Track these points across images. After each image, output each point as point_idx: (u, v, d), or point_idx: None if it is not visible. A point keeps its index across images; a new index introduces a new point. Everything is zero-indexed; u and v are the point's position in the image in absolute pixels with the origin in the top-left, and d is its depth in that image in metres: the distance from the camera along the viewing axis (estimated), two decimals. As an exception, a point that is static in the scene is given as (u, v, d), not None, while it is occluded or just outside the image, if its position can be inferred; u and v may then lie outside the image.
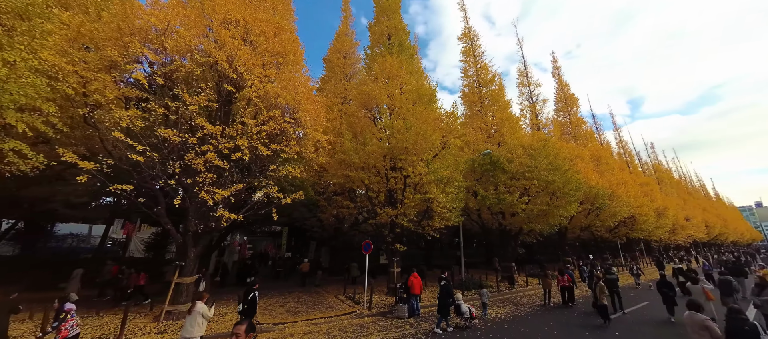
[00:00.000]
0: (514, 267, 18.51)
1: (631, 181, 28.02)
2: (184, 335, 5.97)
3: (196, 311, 6.08)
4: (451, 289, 9.09)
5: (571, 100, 32.99)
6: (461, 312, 9.03)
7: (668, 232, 34.31)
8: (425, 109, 12.71)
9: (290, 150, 9.34)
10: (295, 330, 9.22)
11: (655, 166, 50.74)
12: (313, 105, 10.11)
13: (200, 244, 10.21)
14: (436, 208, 12.31)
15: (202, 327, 6.08)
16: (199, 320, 6.04)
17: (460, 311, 9.03)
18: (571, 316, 10.58)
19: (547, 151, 15.60)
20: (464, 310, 9.07)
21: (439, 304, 8.84)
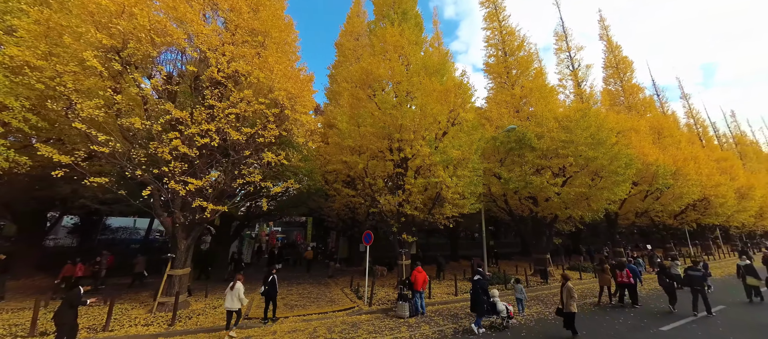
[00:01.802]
0: (548, 259, 16.18)
1: (703, 157, 23.17)
2: (227, 306, 7.58)
3: (236, 289, 7.57)
4: (485, 285, 8.03)
5: (624, 63, 28.15)
6: (497, 310, 8.04)
7: (754, 217, 28.26)
8: (430, 82, 10.97)
9: (267, 134, 8.43)
10: (282, 327, 8.52)
11: (737, 138, 42.17)
12: (293, 84, 9.05)
13: (191, 236, 9.92)
14: (446, 193, 10.71)
15: (239, 301, 7.57)
16: (237, 296, 7.54)
17: (495, 310, 8.04)
18: (617, 321, 8.48)
19: (587, 123, 12.92)
20: (501, 308, 8.06)
21: (472, 302, 7.88)
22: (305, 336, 7.75)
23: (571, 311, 7.06)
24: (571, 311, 7.06)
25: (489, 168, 14.20)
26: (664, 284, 10.04)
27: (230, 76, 8.13)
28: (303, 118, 9.23)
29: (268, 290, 8.63)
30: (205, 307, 10.13)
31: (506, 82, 18.38)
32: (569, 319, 7.16)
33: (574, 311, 7.08)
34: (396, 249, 12.55)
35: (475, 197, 12.43)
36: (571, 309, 7.05)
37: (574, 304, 7.10)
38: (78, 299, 6.31)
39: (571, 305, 7.08)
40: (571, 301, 7.10)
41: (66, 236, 24.84)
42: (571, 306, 7.07)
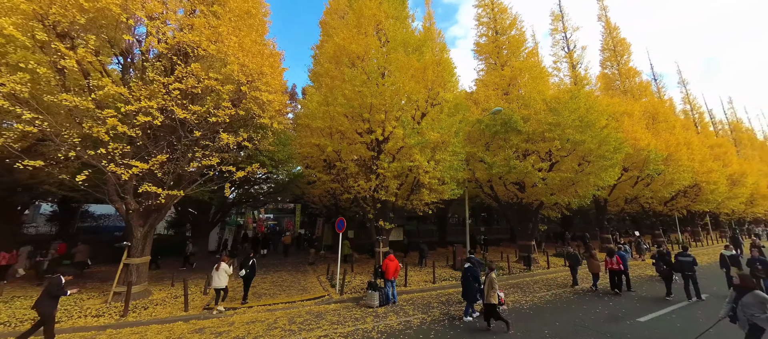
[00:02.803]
0: (533, 246, 15.84)
1: (697, 143, 22.69)
2: (214, 285, 8.37)
3: (221, 269, 8.36)
4: (477, 273, 7.79)
5: (622, 46, 27.20)
6: None
7: (744, 204, 28.12)
8: (407, 59, 10.15)
9: (221, 113, 7.68)
10: (242, 317, 8.07)
11: (733, 125, 41.70)
12: (252, 58, 8.22)
13: (149, 223, 9.32)
14: (424, 178, 10.11)
15: (225, 279, 8.43)
16: (223, 275, 8.35)
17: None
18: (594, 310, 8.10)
19: (576, 104, 12.23)
20: None
21: (464, 289, 7.70)
22: (263, 327, 7.30)
23: (491, 302, 6.76)
24: (491, 302, 6.76)
25: (473, 152, 13.57)
26: (662, 271, 10.03)
27: (177, 49, 7.30)
28: (265, 96, 8.44)
29: (247, 274, 9.05)
30: (167, 296, 9.66)
31: (496, 63, 17.54)
32: (489, 310, 6.86)
33: (494, 302, 6.76)
34: (373, 236, 12.06)
35: (456, 182, 11.87)
36: (491, 300, 6.75)
37: (494, 295, 6.77)
38: (58, 288, 6.09)
39: (491, 296, 6.77)
40: (492, 292, 6.78)
41: (45, 224, 24.19)
42: (491, 297, 6.76)
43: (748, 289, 4.90)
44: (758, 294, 4.76)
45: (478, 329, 7.01)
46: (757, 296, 4.74)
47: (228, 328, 7.29)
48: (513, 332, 6.71)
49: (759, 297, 4.73)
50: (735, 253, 9.46)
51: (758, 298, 4.72)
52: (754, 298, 4.76)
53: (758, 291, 4.85)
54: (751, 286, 4.95)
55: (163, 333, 7.09)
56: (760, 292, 4.84)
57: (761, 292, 4.85)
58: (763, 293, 4.81)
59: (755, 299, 4.74)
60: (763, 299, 4.70)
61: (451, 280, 11.96)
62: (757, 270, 8.40)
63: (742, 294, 4.91)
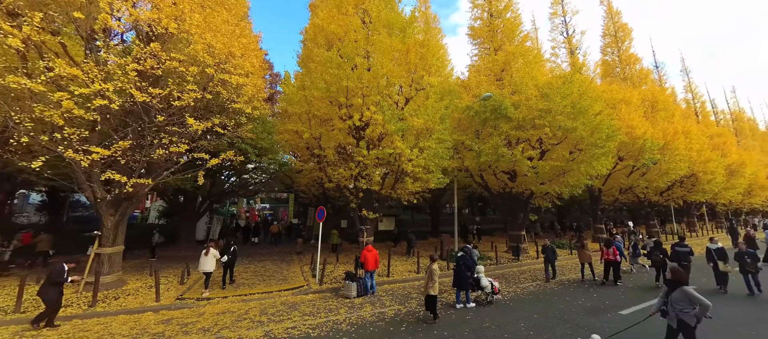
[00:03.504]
0: (523, 237, 15.60)
1: (695, 132, 22.16)
2: (201, 269, 8.84)
3: (210, 254, 8.88)
4: (469, 262, 8.02)
5: (623, 31, 26.31)
6: (482, 286, 8.06)
7: (742, 194, 27.78)
8: (389, 40, 9.62)
9: (186, 97, 7.26)
10: (215, 307, 7.86)
11: (735, 115, 40.96)
12: (221, 39, 7.73)
13: (120, 212, 9.02)
14: (407, 166, 9.73)
15: (213, 263, 8.88)
16: (211, 260, 8.85)
17: (480, 285, 8.07)
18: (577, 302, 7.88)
19: (568, 90, 11.72)
20: (485, 284, 8.07)
21: (455, 277, 7.87)
22: (233, 318, 7.09)
23: (429, 293, 6.59)
24: (429, 293, 6.59)
25: (460, 140, 13.16)
26: (657, 260, 10.07)
27: (135, 27, 6.81)
28: (235, 79, 7.98)
29: (229, 259, 9.51)
30: (142, 286, 9.45)
31: (490, 47, 16.90)
32: (429, 301, 6.68)
33: (433, 293, 6.58)
34: (357, 225, 11.79)
35: (443, 171, 11.51)
36: (430, 291, 6.58)
37: (434, 286, 6.59)
38: (59, 275, 6.38)
39: (430, 287, 6.59)
40: (431, 283, 6.60)
41: (34, 213, 23.97)
42: (430, 288, 6.59)
43: (679, 283, 4.77)
44: (686, 290, 4.64)
45: (452, 322, 6.77)
46: (684, 292, 4.64)
47: (196, 319, 7.07)
48: (486, 325, 6.48)
49: (686, 293, 4.62)
50: (721, 247, 8.99)
51: (686, 294, 4.62)
52: (682, 293, 4.66)
53: (687, 287, 4.70)
54: (682, 280, 4.80)
55: (129, 324, 6.88)
56: (688, 287, 4.69)
57: (690, 288, 4.70)
58: (691, 289, 4.67)
59: (683, 295, 4.64)
60: (691, 295, 4.59)
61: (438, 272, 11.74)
62: (746, 264, 8.10)
63: (674, 289, 4.79)
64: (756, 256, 8.19)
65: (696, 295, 4.53)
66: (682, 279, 4.80)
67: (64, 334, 6.31)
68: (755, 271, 8.10)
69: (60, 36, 7.77)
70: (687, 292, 4.61)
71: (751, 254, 8.20)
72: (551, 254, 10.22)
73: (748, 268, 8.14)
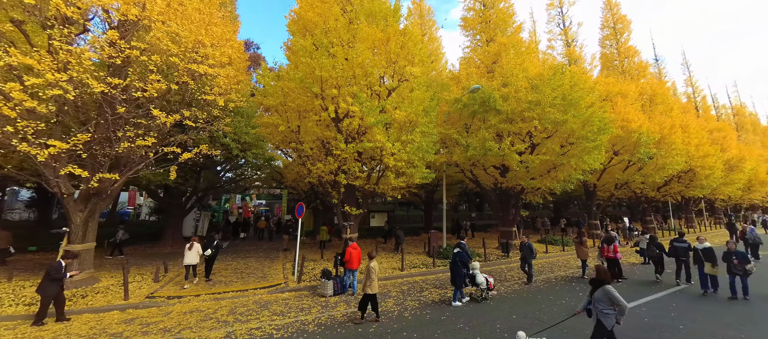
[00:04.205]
0: (513, 233, 15.29)
1: (694, 126, 21.69)
2: (185, 262, 9.13)
3: (194, 248, 9.16)
4: (464, 258, 7.89)
5: (622, 23, 25.72)
6: (477, 283, 7.94)
7: (741, 190, 27.34)
8: (369, 29, 9.19)
9: (150, 87, 6.90)
10: (184, 306, 7.58)
11: (736, 109, 40.33)
12: (188, 24, 7.33)
13: (89, 208, 8.72)
14: (389, 161, 9.38)
15: (196, 257, 9.20)
16: (195, 254, 9.13)
17: (475, 282, 7.95)
18: (561, 301, 7.57)
19: (558, 81, 11.31)
20: (480, 280, 7.94)
21: (452, 275, 7.76)
22: (199, 318, 6.81)
23: (367, 292, 6.32)
24: (367, 292, 6.32)
25: (447, 133, 12.79)
26: (653, 254, 10.10)
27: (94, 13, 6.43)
28: (202, 69, 7.60)
29: (212, 254, 9.79)
30: (114, 284, 9.17)
31: (482, 38, 16.44)
32: (365, 300, 6.41)
33: (371, 292, 6.31)
34: (339, 222, 11.49)
35: (429, 166, 11.15)
36: (368, 290, 6.31)
37: (372, 284, 6.32)
38: (58, 272, 6.47)
39: (368, 286, 6.31)
40: (369, 282, 6.33)
41: (24, 210, 23.73)
42: (368, 287, 6.31)
43: (602, 282, 4.53)
44: (607, 289, 4.41)
45: (425, 322, 6.46)
46: (606, 291, 4.41)
47: (161, 318, 6.80)
48: (460, 327, 6.17)
49: (607, 292, 4.39)
50: (709, 247, 8.36)
51: (607, 293, 4.39)
52: (603, 293, 4.43)
53: (609, 286, 4.44)
54: (606, 279, 4.56)
55: (90, 323, 6.61)
56: (610, 287, 4.43)
57: (612, 287, 4.44)
58: (613, 289, 4.40)
59: (604, 294, 4.41)
60: (611, 295, 4.35)
61: (421, 268, 11.46)
62: (734, 264, 7.51)
63: (597, 287, 4.55)
64: (745, 257, 7.56)
65: (616, 295, 4.32)
66: (606, 278, 4.58)
67: (20, 335, 6.06)
68: (743, 273, 7.46)
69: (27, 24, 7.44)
70: (607, 292, 4.38)
71: (739, 255, 7.57)
72: (528, 253, 9.57)
73: (735, 270, 7.53)
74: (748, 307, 7.19)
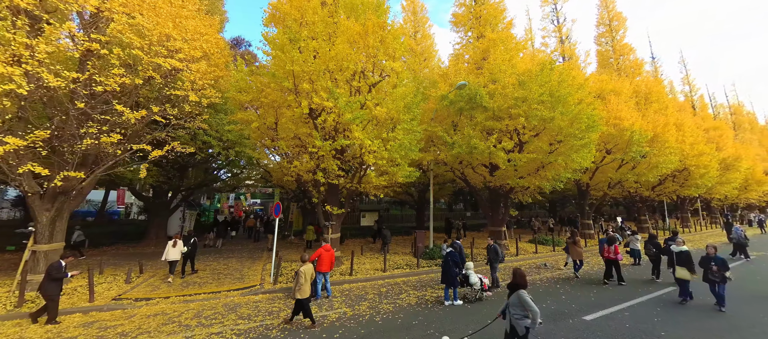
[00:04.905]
0: (503, 233, 15.02)
1: (689, 124, 21.42)
2: (169, 259, 9.39)
3: (177, 245, 9.53)
4: (457, 258, 7.82)
5: (618, 20, 25.40)
6: (470, 283, 7.86)
7: (738, 189, 27.07)
8: (347, 22, 8.87)
9: (111, 81, 6.60)
10: (149, 309, 7.30)
11: (734, 108, 40.03)
12: (155, 17, 7.02)
13: (55, 207, 8.43)
14: (369, 159, 9.09)
15: (178, 254, 9.49)
16: (176, 250, 9.46)
17: (469, 282, 7.88)
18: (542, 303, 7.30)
19: (545, 78, 11.01)
20: (474, 280, 7.86)
21: (443, 274, 7.66)
22: (161, 321, 6.53)
23: (297, 297, 6.07)
24: (297, 297, 6.07)
25: (434, 131, 12.50)
26: (650, 254, 10.00)
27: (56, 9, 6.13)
28: (170, 63, 7.30)
29: (189, 251, 10.04)
30: (82, 286, 8.87)
31: (472, 34, 16.13)
32: (298, 306, 6.16)
33: (298, 297, 6.05)
34: (320, 221, 11.21)
35: (409, 163, 10.86)
36: (297, 295, 6.07)
37: (302, 289, 6.07)
38: (58, 272, 6.51)
39: (297, 291, 6.08)
40: (297, 287, 6.09)
41: (11, 209, 23.41)
42: (296, 292, 6.08)
43: (517, 286, 4.33)
44: (521, 294, 4.21)
45: (394, 328, 6.19)
46: (519, 296, 4.20)
47: (121, 322, 6.52)
48: (430, 332, 5.90)
49: (521, 297, 4.18)
50: (686, 250, 7.63)
51: (520, 298, 4.18)
52: (517, 298, 4.22)
53: (522, 291, 4.22)
54: (521, 284, 4.34)
55: (48, 326, 6.34)
56: (523, 292, 4.21)
57: (525, 292, 4.21)
58: (526, 295, 4.17)
59: (518, 299, 4.21)
60: (523, 300, 4.13)
61: (404, 269, 11.20)
62: (712, 271, 6.91)
63: (513, 292, 4.36)
64: (725, 263, 6.88)
65: (528, 300, 4.09)
66: (522, 282, 4.36)
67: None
68: (721, 280, 6.83)
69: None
70: (520, 297, 4.17)
71: (718, 261, 6.90)
72: (493, 256, 9.05)
73: (713, 277, 6.91)
74: (736, 313, 6.89)
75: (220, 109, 13.37)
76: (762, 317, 6.67)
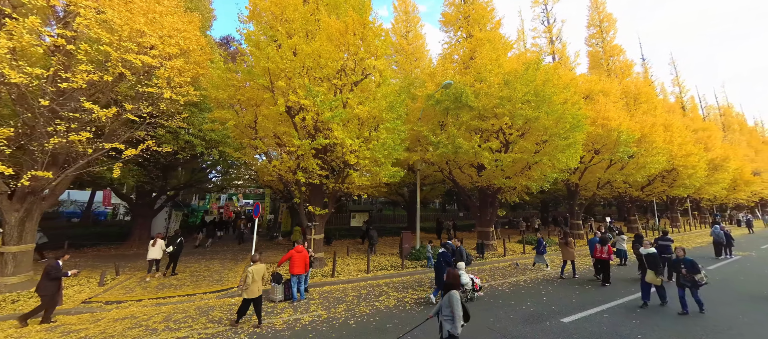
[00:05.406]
0: (491, 233, 14.96)
1: (677, 125, 21.54)
2: (148, 257, 9.54)
3: (158, 243, 9.67)
4: (449, 258, 7.79)
5: (608, 21, 25.55)
6: (461, 283, 7.58)
7: (727, 189, 27.32)
8: (328, 19, 8.72)
9: (78, 78, 6.39)
10: (119, 312, 7.08)
11: (723, 110, 40.48)
12: (123, 10, 6.81)
13: (24, 208, 8.17)
14: (350, 158, 8.94)
15: (159, 253, 9.66)
16: (158, 249, 9.60)
17: (461, 283, 7.31)
18: (522, 305, 7.20)
19: (530, 77, 10.95)
20: (466, 281, 7.76)
21: (436, 275, 7.60)
22: (128, 325, 6.31)
23: (244, 296, 6.06)
24: (244, 296, 6.06)
25: (419, 131, 12.39)
26: (638, 253, 9.79)
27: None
28: (143, 59, 7.09)
29: (175, 250, 10.14)
30: (55, 288, 8.62)
31: (460, 33, 16.07)
32: (244, 306, 6.13)
33: (248, 297, 6.03)
34: (303, 222, 11.04)
35: (393, 162, 10.74)
36: (244, 295, 6.05)
37: (249, 289, 6.02)
38: (56, 271, 6.52)
39: (244, 290, 6.05)
40: (245, 286, 6.06)
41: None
42: (244, 291, 6.05)
43: (450, 287, 4.21)
44: (451, 295, 4.08)
45: (368, 331, 6.05)
46: (449, 297, 4.08)
47: (86, 326, 6.30)
48: (401, 337, 5.76)
49: (450, 298, 4.06)
50: (654, 252, 7.36)
51: (449, 299, 4.06)
52: (448, 299, 4.09)
53: (453, 293, 4.10)
54: (454, 284, 4.22)
55: (9, 331, 6.11)
56: (454, 293, 4.09)
57: (456, 294, 4.09)
58: (455, 297, 4.06)
59: (447, 300, 4.08)
60: (451, 301, 4.02)
61: (388, 270, 11.06)
62: (682, 274, 6.61)
63: (446, 292, 4.23)
64: (694, 265, 6.53)
65: (454, 303, 3.98)
66: (455, 283, 4.24)
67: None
68: (693, 284, 6.51)
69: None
70: (451, 298, 4.05)
71: (688, 263, 6.56)
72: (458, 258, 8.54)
73: (683, 281, 6.59)
74: (720, 315, 6.80)
75: (205, 108, 13.14)
76: (740, 318, 6.63)
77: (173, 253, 10.22)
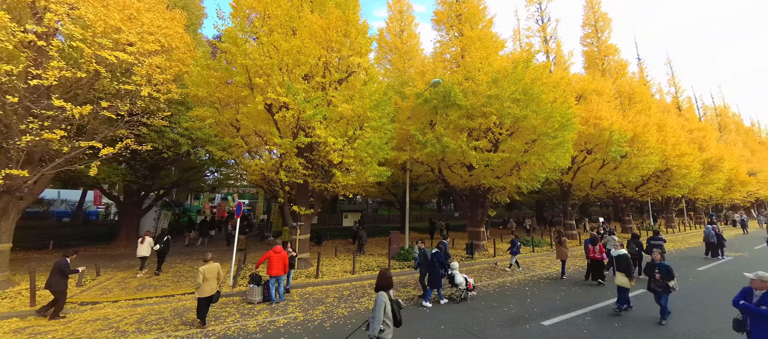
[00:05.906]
0: (482, 233, 14.83)
1: (672, 125, 21.46)
2: (139, 254, 9.97)
3: (146, 241, 10.05)
4: (443, 258, 7.85)
5: (603, 20, 25.41)
6: (456, 283, 7.85)
7: (722, 190, 27.25)
8: (311, 16, 8.56)
9: (49, 74, 6.24)
10: (93, 313, 6.95)
11: (719, 110, 40.44)
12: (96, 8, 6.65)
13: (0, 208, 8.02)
14: (334, 157, 8.80)
15: (148, 250, 10.02)
16: (146, 247, 9.97)
17: (454, 282, 7.89)
18: (505, 307, 7.07)
19: (519, 75, 10.82)
20: (459, 281, 7.85)
21: (429, 275, 7.59)
22: (98, 327, 6.18)
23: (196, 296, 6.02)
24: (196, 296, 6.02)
25: (407, 129, 12.26)
26: (633, 252, 9.99)
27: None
28: (118, 56, 6.94)
29: (162, 248, 10.30)
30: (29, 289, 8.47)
31: (452, 31, 15.93)
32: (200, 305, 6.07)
33: (200, 296, 6.00)
34: (289, 222, 10.90)
35: (380, 162, 10.60)
36: (197, 294, 6.02)
37: (201, 288, 5.97)
38: (66, 267, 6.71)
39: (196, 290, 6.01)
40: (196, 285, 6.02)
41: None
42: (197, 291, 6.00)
43: (380, 288, 4.12)
44: (378, 296, 3.98)
45: (342, 334, 5.91)
46: (377, 298, 3.97)
47: (55, 328, 6.16)
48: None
49: (376, 299, 3.95)
50: (625, 254, 7.16)
51: (376, 300, 3.95)
52: (376, 298, 3.98)
53: (381, 294, 4.00)
54: (384, 286, 4.12)
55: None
56: (381, 295, 3.98)
57: (383, 296, 3.97)
58: (382, 299, 3.94)
59: (376, 300, 3.96)
60: (376, 302, 3.92)
61: (375, 271, 10.86)
62: (655, 279, 6.30)
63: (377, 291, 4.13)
64: (669, 271, 6.24)
65: (378, 305, 3.87)
66: (384, 284, 4.12)
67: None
68: (664, 289, 6.19)
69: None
70: (376, 299, 3.93)
71: (663, 269, 6.27)
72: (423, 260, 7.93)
73: (655, 286, 6.29)
74: (705, 318, 6.68)
75: (191, 106, 12.98)
76: (727, 322, 6.50)
77: (160, 252, 10.30)
